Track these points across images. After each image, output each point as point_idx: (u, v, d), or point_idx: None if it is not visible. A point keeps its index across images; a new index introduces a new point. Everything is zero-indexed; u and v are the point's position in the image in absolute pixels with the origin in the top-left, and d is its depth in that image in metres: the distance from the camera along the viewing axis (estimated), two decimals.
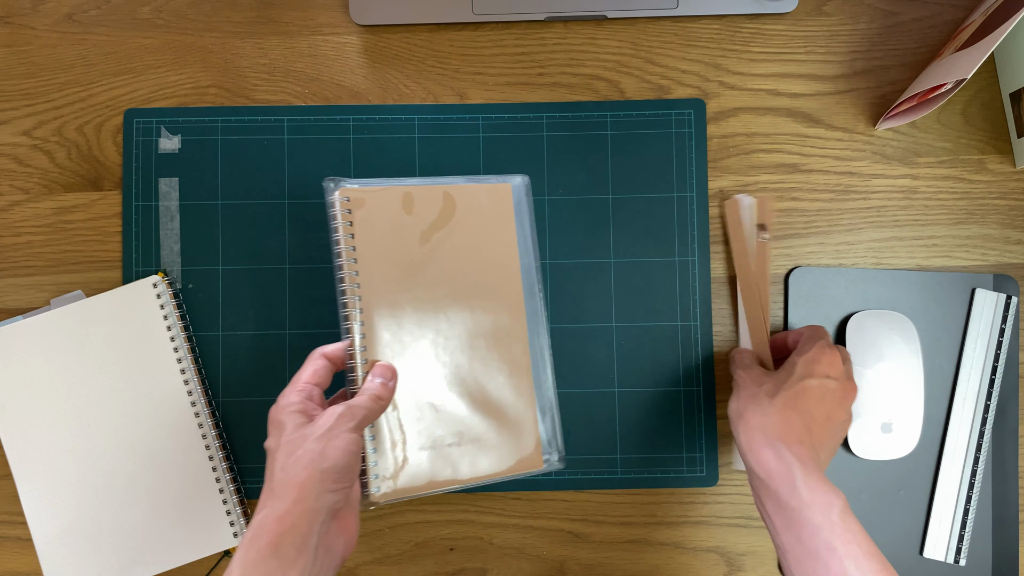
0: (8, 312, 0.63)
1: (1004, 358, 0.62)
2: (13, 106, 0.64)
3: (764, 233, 0.62)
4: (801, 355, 0.55)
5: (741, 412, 0.53)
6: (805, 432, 0.51)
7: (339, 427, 0.48)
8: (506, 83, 0.64)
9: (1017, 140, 0.63)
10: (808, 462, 0.49)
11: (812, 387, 0.53)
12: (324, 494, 0.46)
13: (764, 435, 0.51)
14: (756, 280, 0.61)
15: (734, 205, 0.62)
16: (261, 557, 0.44)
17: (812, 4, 0.65)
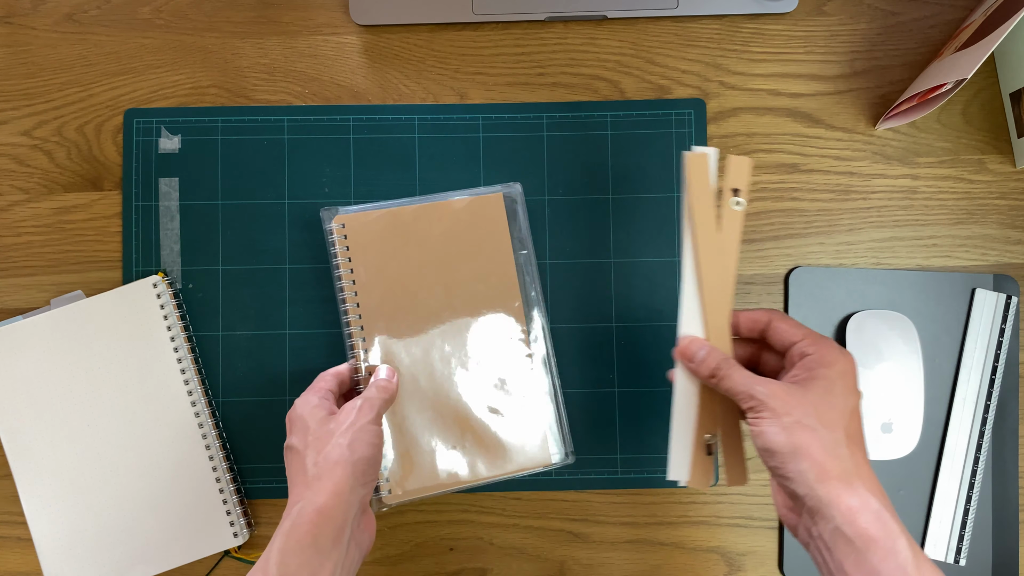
0: (8, 312, 0.63)
1: (1004, 358, 0.62)
2: (13, 106, 0.64)
3: (738, 198, 0.51)
4: (830, 366, 0.46)
5: (800, 447, 0.43)
6: (871, 467, 0.45)
7: (361, 420, 0.51)
8: (506, 83, 0.64)
9: (1017, 140, 0.63)
10: (905, 532, 0.42)
11: (860, 411, 0.46)
12: (356, 488, 0.49)
13: (846, 483, 0.43)
14: (722, 256, 0.51)
15: (700, 161, 0.51)
16: (300, 546, 0.46)
17: (812, 4, 0.65)
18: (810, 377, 0.46)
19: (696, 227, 0.51)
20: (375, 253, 0.60)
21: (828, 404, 0.45)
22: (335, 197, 0.63)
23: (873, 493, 0.43)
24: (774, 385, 0.46)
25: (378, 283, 0.60)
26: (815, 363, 0.46)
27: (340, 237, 0.59)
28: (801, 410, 0.44)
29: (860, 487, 0.43)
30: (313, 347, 0.62)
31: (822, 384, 0.45)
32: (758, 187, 0.64)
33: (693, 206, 0.51)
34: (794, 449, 0.43)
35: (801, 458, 0.43)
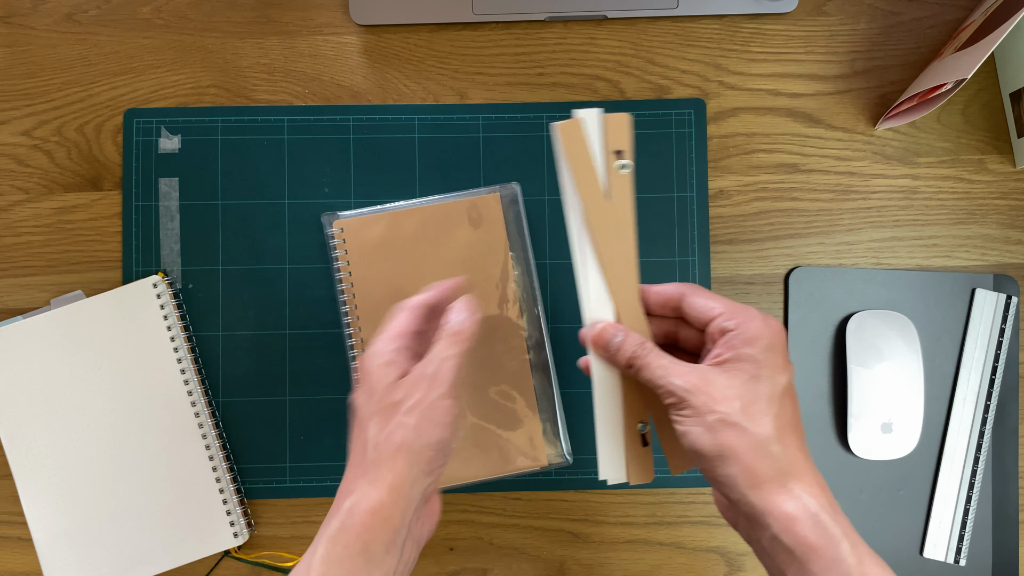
0: (8, 312, 0.63)
1: (1004, 358, 0.62)
2: (13, 106, 0.64)
3: (623, 160, 0.46)
4: (754, 342, 0.41)
5: (726, 449, 0.39)
6: (808, 454, 0.41)
7: (433, 393, 0.43)
8: (506, 83, 0.64)
9: (1017, 140, 0.63)
10: (843, 519, 0.39)
11: (791, 388, 0.41)
12: (420, 479, 0.42)
13: (780, 484, 0.39)
14: (619, 228, 0.46)
15: (575, 127, 0.46)
16: (348, 554, 0.40)
17: (812, 4, 0.65)
18: (733, 358, 0.41)
19: (584, 202, 0.45)
20: (375, 256, 0.60)
21: (754, 392, 0.40)
22: (335, 197, 0.63)
23: (811, 491, 0.39)
24: (694, 375, 0.41)
25: (378, 285, 0.60)
26: (737, 340, 0.41)
27: (340, 241, 0.60)
28: (726, 404, 0.40)
29: (796, 487, 0.39)
30: (313, 347, 0.62)
31: (746, 367, 0.40)
32: (758, 187, 0.64)
33: (575, 179, 0.45)
34: (720, 452, 0.39)
35: (729, 462, 0.39)
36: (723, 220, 0.63)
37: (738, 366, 0.41)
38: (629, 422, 0.46)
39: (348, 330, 0.60)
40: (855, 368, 0.61)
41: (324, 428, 0.62)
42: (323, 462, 0.62)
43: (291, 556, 0.62)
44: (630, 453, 0.46)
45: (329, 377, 0.62)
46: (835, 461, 0.62)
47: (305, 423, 0.62)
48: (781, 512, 0.39)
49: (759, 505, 0.39)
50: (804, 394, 0.62)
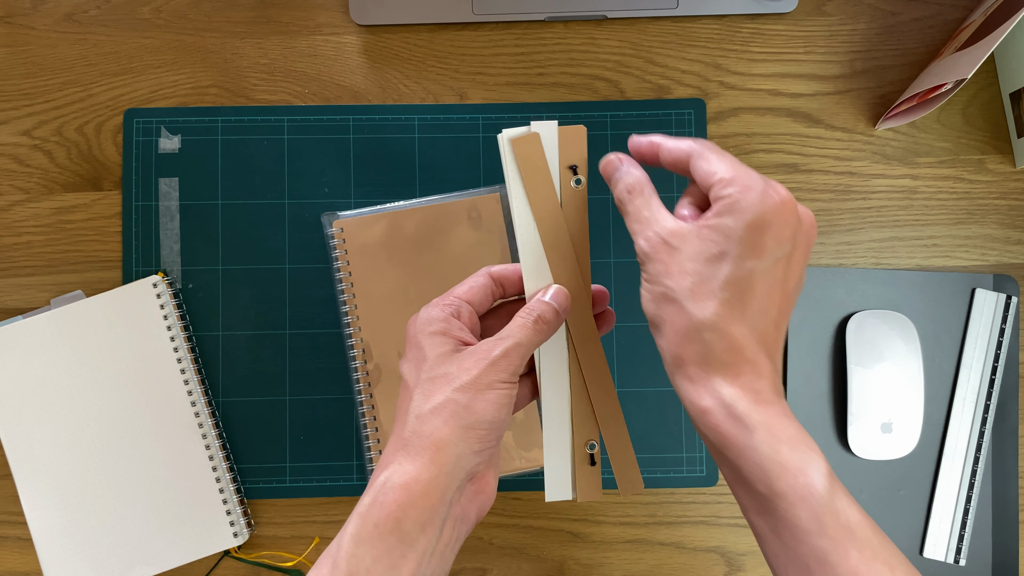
0: (8, 312, 0.63)
1: (1004, 358, 0.62)
2: (13, 106, 0.64)
3: (578, 176, 0.44)
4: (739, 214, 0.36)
5: (660, 323, 0.38)
6: (759, 349, 0.37)
7: (490, 376, 0.39)
8: (506, 83, 0.64)
9: (1017, 140, 0.63)
10: (771, 409, 0.36)
11: (762, 273, 0.37)
12: (466, 455, 0.38)
13: (704, 372, 0.37)
14: (572, 243, 0.44)
15: (532, 142, 0.44)
16: (379, 532, 0.37)
17: (812, 4, 0.65)
18: (711, 226, 0.37)
19: (539, 219, 0.43)
20: (374, 256, 0.60)
21: (713, 271, 0.36)
22: (335, 197, 0.63)
23: (736, 382, 0.36)
24: (661, 240, 0.38)
25: (378, 285, 0.60)
26: (725, 210, 0.37)
27: (340, 241, 0.60)
28: (676, 278, 0.37)
29: (718, 376, 0.36)
30: (313, 347, 0.62)
31: (717, 240, 0.36)
32: None
33: (531, 195, 0.43)
34: (656, 324, 0.38)
35: (661, 336, 0.38)
36: None
37: (711, 236, 0.37)
38: (578, 440, 0.44)
39: (348, 330, 0.60)
40: (855, 368, 0.61)
41: (324, 428, 0.62)
42: (323, 462, 0.62)
43: (291, 556, 0.62)
44: (577, 471, 0.44)
45: (329, 377, 0.62)
46: (835, 461, 0.62)
47: (305, 423, 0.62)
48: (695, 401, 0.37)
49: (678, 388, 0.38)
50: (804, 394, 0.62)
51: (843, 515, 0.35)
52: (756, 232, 0.36)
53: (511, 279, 0.44)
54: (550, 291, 0.42)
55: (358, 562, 0.37)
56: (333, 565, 0.37)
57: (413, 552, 0.37)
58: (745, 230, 0.36)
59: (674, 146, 0.40)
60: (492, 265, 0.44)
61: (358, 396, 0.60)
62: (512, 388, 0.40)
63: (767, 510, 0.36)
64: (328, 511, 0.62)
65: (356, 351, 0.60)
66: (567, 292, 0.43)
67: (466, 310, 0.42)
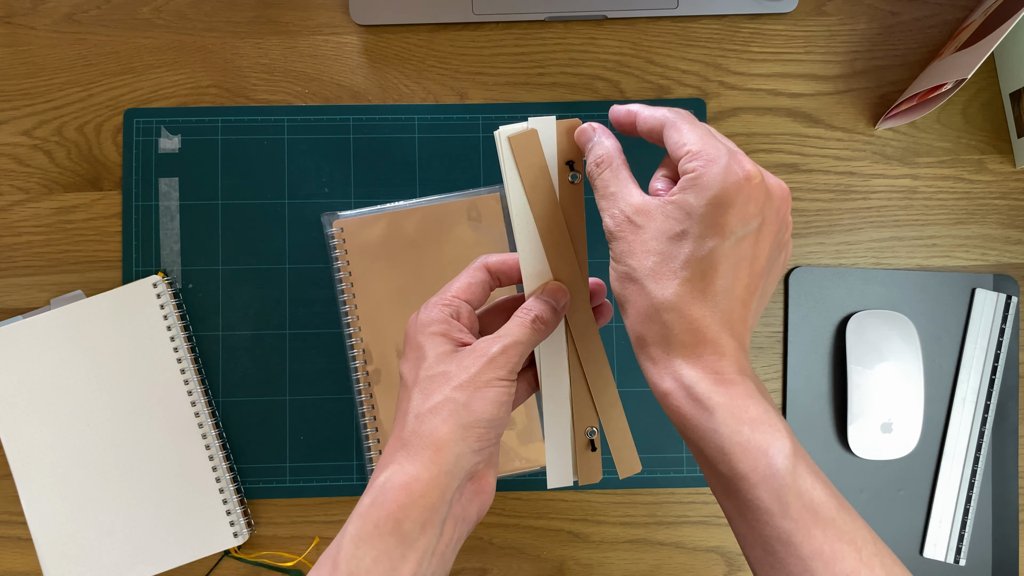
0: (8, 312, 0.63)
1: (1004, 358, 0.62)
2: (13, 106, 0.64)
3: (575, 171, 0.44)
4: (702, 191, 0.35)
5: (623, 302, 0.38)
6: (721, 329, 0.36)
7: (488, 374, 0.39)
8: (506, 83, 0.64)
9: (1017, 140, 0.63)
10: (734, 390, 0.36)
11: (725, 252, 0.36)
12: (465, 455, 0.38)
13: (665, 353, 0.37)
14: (570, 239, 0.44)
15: (530, 138, 0.44)
16: (379, 532, 0.37)
17: (812, 4, 0.65)
18: (674, 203, 0.36)
19: (538, 215, 0.43)
20: (374, 256, 0.60)
21: (673, 248, 0.36)
22: (335, 197, 0.63)
23: (697, 363, 0.36)
24: (626, 219, 0.38)
25: (378, 285, 0.60)
26: (688, 184, 0.36)
27: (340, 241, 0.60)
28: (639, 257, 0.37)
29: (679, 358, 0.36)
30: (313, 347, 0.62)
31: (679, 218, 0.36)
32: None
33: (529, 192, 0.43)
34: (621, 304, 0.38)
35: (625, 314, 0.38)
36: None
37: (672, 215, 0.36)
38: (578, 428, 0.45)
39: (348, 330, 0.60)
40: (855, 368, 0.61)
41: (324, 428, 0.62)
42: (323, 462, 0.62)
43: (291, 556, 0.62)
44: (578, 457, 0.45)
45: (329, 377, 0.62)
46: (835, 461, 0.62)
47: (305, 423, 0.62)
48: (656, 383, 0.37)
49: (644, 371, 0.38)
50: (804, 394, 0.62)
51: (806, 495, 0.34)
52: (717, 208, 0.35)
53: (508, 271, 0.44)
54: (548, 288, 0.42)
55: (358, 563, 0.37)
56: (333, 566, 0.37)
57: (413, 552, 0.37)
58: (706, 207, 0.35)
59: (649, 115, 0.40)
60: (488, 255, 0.44)
61: (358, 396, 0.60)
62: (511, 386, 0.40)
63: (731, 492, 0.35)
64: (328, 511, 0.62)
65: (356, 351, 0.60)
66: (565, 289, 0.43)
67: (465, 309, 0.42)
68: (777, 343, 0.63)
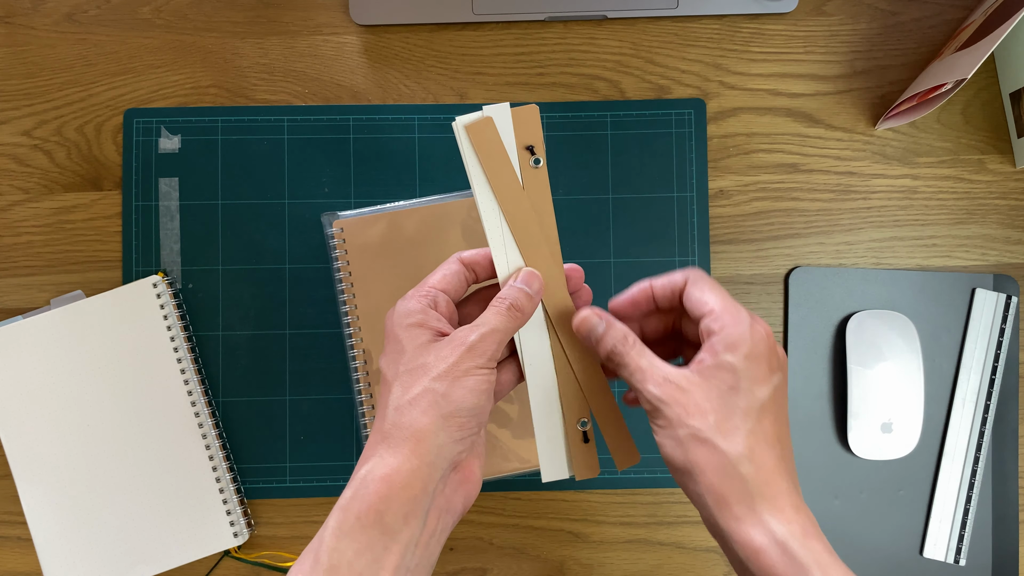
0: (8, 312, 0.63)
1: (1004, 358, 0.62)
2: (13, 106, 0.64)
3: (536, 156, 0.44)
4: (735, 349, 0.39)
5: (695, 467, 0.38)
6: (788, 475, 0.38)
7: (467, 362, 0.39)
8: (506, 83, 0.64)
9: (1017, 140, 0.63)
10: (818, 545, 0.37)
11: (774, 400, 0.39)
12: (447, 445, 0.38)
13: (749, 508, 0.37)
14: (537, 222, 0.44)
15: (487, 126, 0.44)
16: (360, 525, 0.37)
17: (812, 4, 0.65)
18: (714, 365, 0.39)
19: (503, 201, 0.44)
20: (374, 256, 0.60)
21: (730, 405, 0.38)
22: (335, 197, 0.63)
23: (783, 516, 0.37)
24: (671, 384, 0.39)
25: (378, 285, 0.60)
26: (721, 345, 0.39)
27: (340, 241, 0.60)
28: (699, 418, 0.38)
29: (766, 512, 0.37)
30: (313, 347, 0.62)
31: (725, 377, 0.38)
32: (758, 187, 0.64)
33: (492, 179, 0.44)
34: (690, 469, 0.38)
35: (698, 480, 0.38)
36: (723, 220, 0.63)
37: (717, 375, 0.39)
38: (569, 420, 0.44)
39: (348, 330, 0.60)
40: (855, 368, 0.61)
41: (324, 428, 0.62)
42: (323, 462, 0.62)
43: (291, 556, 0.62)
44: (572, 451, 0.44)
45: (329, 377, 0.62)
46: (835, 461, 0.62)
47: (305, 423, 0.62)
48: (746, 541, 0.37)
49: (726, 529, 0.38)
50: (804, 394, 0.62)
51: None
52: (754, 362, 0.39)
53: (482, 264, 0.44)
54: (521, 275, 0.43)
55: (340, 555, 0.36)
56: (315, 559, 0.37)
57: (396, 544, 0.37)
58: (745, 362, 0.38)
59: (666, 280, 0.43)
60: (463, 251, 0.45)
61: (358, 396, 0.60)
62: (490, 374, 0.40)
63: None
64: (328, 511, 0.62)
65: (356, 351, 0.60)
66: (539, 275, 0.43)
67: (443, 299, 0.42)
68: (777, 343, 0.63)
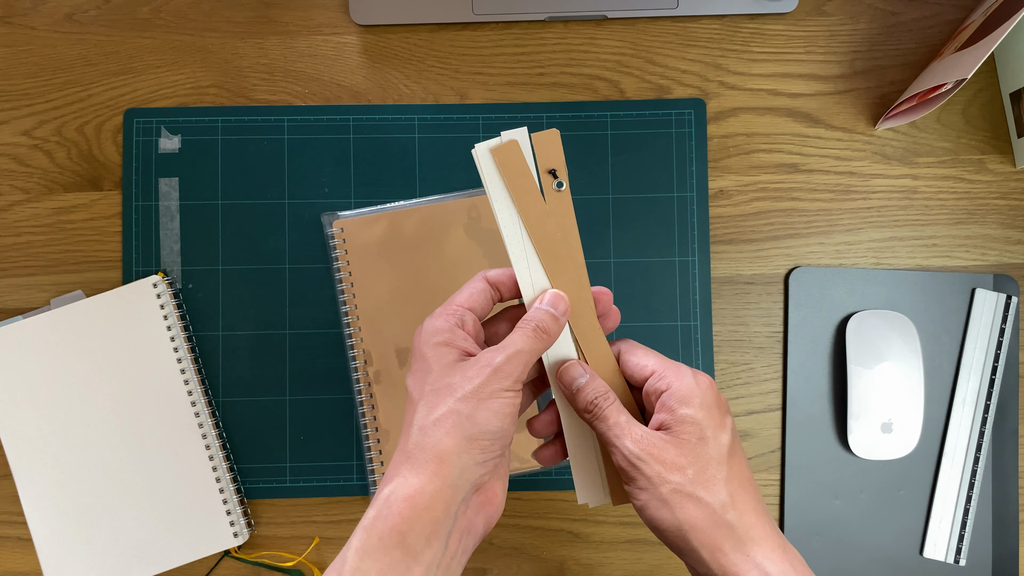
0: (8, 312, 0.63)
1: (1004, 358, 0.62)
2: (13, 106, 0.64)
3: (558, 179, 0.44)
4: (689, 402, 0.41)
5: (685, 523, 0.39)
6: (766, 513, 0.41)
7: (493, 385, 0.39)
8: (506, 83, 0.64)
9: (1017, 140, 0.63)
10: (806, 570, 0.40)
11: (735, 443, 0.42)
12: (470, 467, 0.38)
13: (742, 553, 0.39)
14: (564, 245, 0.44)
15: (512, 149, 0.43)
16: (383, 546, 0.37)
17: (812, 4, 0.65)
18: (675, 421, 0.41)
19: (530, 225, 0.43)
20: (374, 256, 0.60)
21: (703, 456, 0.40)
22: (335, 197, 0.63)
23: (772, 556, 0.39)
24: (647, 440, 0.40)
25: (378, 285, 0.60)
26: (674, 402, 0.41)
27: (340, 241, 0.60)
28: (678, 473, 0.39)
29: (758, 555, 0.39)
30: (313, 347, 0.62)
31: (690, 430, 0.40)
32: (758, 187, 0.64)
33: (518, 203, 0.43)
34: (679, 527, 0.39)
35: (689, 536, 0.39)
36: (723, 220, 0.63)
37: (683, 429, 0.40)
38: (602, 444, 0.44)
39: (348, 330, 0.60)
40: (855, 368, 0.61)
41: (324, 428, 0.62)
42: (323, 462, 0.62)
43: (291, 556, 0.62)
44: (607, 473, 0.44)
45: (329, 377, 0.62)
46: (835, 461, 0.62)
47: (305, 423, 0.62)
48: None
49: (721, 574, 0.39)
50: (804, 394, 0.62)
51: None
52: (710, 412, 0.41)
53: (507, 283, 0.44)
54: (547, 297, 0.43)
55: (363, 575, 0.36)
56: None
57: (418, 565, 0.37)
58: (703, 412, 0.41)
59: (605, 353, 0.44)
60: (488, 270, 0.44)
61: (358, 396, 0.60)
62: (516, 396, 0.40)
63: None
64: (328, 511, 0.62)
65: (356, 351, 0.60)
66: (564, 296, 0.43)
67: (470, 318, 0.42)
68: (777, 343, 0.63)
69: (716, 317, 0.63)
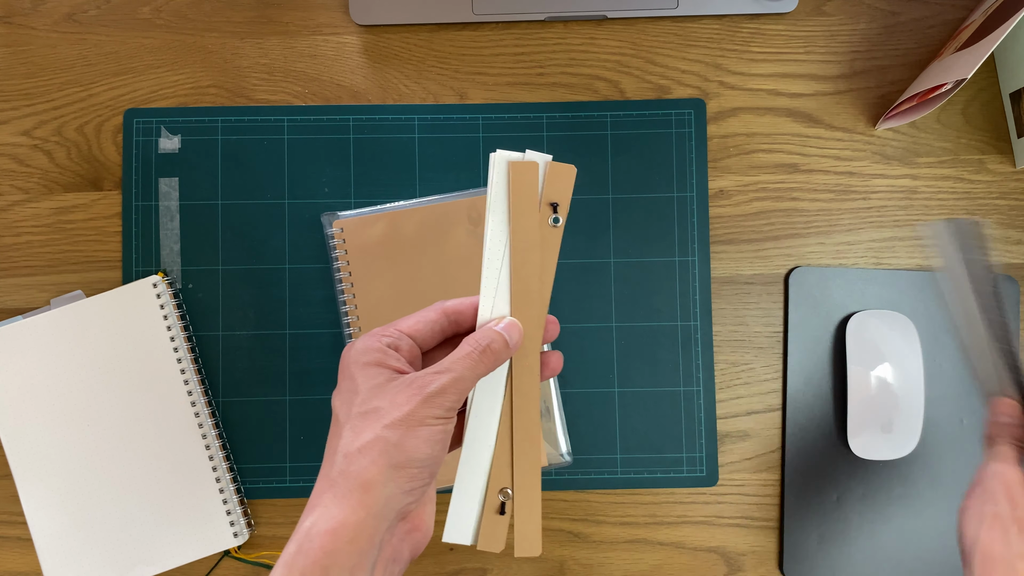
0: (8, 312, 0.63)
1: None
2: (13, 106, 0.64)
3: (556, 215, 0.43)
4: None
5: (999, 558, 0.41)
6: None
7: (423, 411, 0.37)
8: (506, 83, 0.64)
9: (1017, 140, 0.63)
10: None
11: None
12: (396, 496, 0.37)
13: None
14: (539, 280, 0.43)
15: (529, 169, 0.42)
16: None
17: (812, 4, 0.65)
18: None
19: (516, 246, 0.42)
20: (374, 256, 0.60)
21: None
22: (335, 197, 0.63)
23: None
24: None
25: (378, 285, 0.60)
26: None
27: (340, 241, 0.60)
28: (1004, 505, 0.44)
29: None
30: (313, 347, 0.62)
31: None
32: (758, 187, 0.64)
33: (514, 221, 0.42)
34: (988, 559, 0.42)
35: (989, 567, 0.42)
36: (723, 220, 0.63)
37: None
38: (492, 486, 0.42)
39: (348, 330, 0.60)
40: (855, 368, 0.61)
41: (324, 428, 0.61)
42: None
43: None
44: (485, 517, 0.42)
45: (329, 377, 0.62)
46: (835, 461, 0.62)
47: (305, 423, 0.62)
48: None
49: None
50: (804, 394, 0.62)
51: None
52: None
53: (466, 314, 0.42)
54: (504, 322, 0.40)
55: None
56: None
57: None
58: None
59: None
60: (446, 300, 0.42)
61: None
62: (448, 424, 0.38)
63: None
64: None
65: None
66: (521, 329, 0.41)
67: (406, 343, 0.40)
68: (777, 343, 0.63)
69: (716, 317, 0.63)
